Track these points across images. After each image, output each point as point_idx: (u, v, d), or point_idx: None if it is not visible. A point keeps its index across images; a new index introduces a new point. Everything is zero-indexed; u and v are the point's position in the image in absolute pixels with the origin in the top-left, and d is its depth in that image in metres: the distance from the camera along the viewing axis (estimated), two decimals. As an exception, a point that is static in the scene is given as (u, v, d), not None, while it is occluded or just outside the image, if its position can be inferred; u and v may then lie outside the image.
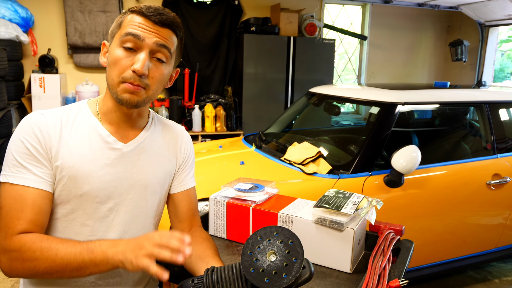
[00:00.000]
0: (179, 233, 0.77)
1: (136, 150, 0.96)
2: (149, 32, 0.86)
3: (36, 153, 0.84)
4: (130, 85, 0.86)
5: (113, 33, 0.90)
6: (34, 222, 0.82)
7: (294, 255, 0.70)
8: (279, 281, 0.68)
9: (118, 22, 0.90)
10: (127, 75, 0.85)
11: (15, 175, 0.83)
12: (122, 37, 0.86)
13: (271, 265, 0.70)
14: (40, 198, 0.84)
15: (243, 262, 0.72)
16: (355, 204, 1.04)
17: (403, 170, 1.89)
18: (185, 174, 1.07)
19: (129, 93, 0.86)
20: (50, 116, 0.89)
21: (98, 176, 0.89)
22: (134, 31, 0.85)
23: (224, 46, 4.63)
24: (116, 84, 0.87)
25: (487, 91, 2.78)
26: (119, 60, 0.86)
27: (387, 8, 5.32)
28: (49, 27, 4.04)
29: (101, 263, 0.78)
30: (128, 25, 0.86)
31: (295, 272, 0.68)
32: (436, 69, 5.95)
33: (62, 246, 0.79)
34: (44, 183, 0.85)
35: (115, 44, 0.88)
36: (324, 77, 4.62)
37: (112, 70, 0.87)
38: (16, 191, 0.83)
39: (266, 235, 0.74)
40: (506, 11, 4.74)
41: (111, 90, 0.89)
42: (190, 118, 4.23)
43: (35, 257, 0.78)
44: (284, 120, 3.01)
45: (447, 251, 2.30)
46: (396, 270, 0.95)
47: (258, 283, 0.69)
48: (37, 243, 0.79)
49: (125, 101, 0.87)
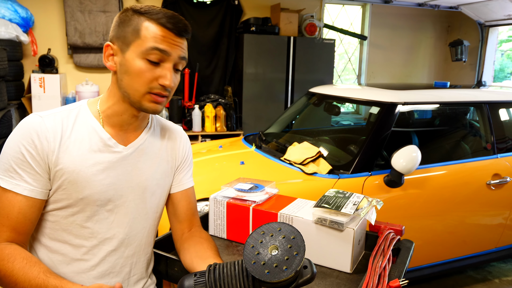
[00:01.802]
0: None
1: (136, 152, 0.96)
2: (175, 46, 0.86)
3: (31, 159, 0.83)
4: (158, 97, 0.88)
5: (127, 40, 0.86)
6: (17, 231, 0.84)
7: (295, 249, 0.71)
8: (279, 273, 0.69)
9: (133, 28, 0.85)
10: (154, 86, 0.87)
11: (7, 180, 0.83)
12: (148, 50, 0.84)
13: (272, 258, 0.71)
14: (27, 207, 0.84)
15: (245, 255, 0.73)
16: (355, 204, 1.04)
17: (403, 170, 1.89)
18: (184, 174, 1.07)
19: (155, 103, 0.88)
20: (50, 119, 0.87)
21: (98, 180, 0.89)
22: (161, 47, 0.84)
23: (224, 46, 4.63)
24: (142, 94, 0.87)
25: (487, 91, 2.78)
26: (143, 72, 0.85)
27: (387, 8, 5.32)
28: (49, 27, 4.04)
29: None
30: (151, 37, 0.84)
31: (296, 265, 0.69)
32: (436, 69, 5.95)
33: (24, 276, 0.79)
34: (34, 191, 0.84)
35: (134, 54, 0.85)
36: (324, 77, 4.62)
37: (134, 81, 0.86)
38: (6, 196, 0.83)
39: (269, 230, 0.76)
40: (506, 11, 4.74)
41: (132, 99, 0.88)
42: (190, 118, 4.23)
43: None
44: (284, 120, 3.01)
45: (447, 251, 2.30)
46: (396, 270, 0.95)
47: (259, 275, 0.70)
48: (4, 263, 0.80)
49: (151, 110, 0.89)
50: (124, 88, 0.88)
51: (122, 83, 0.88)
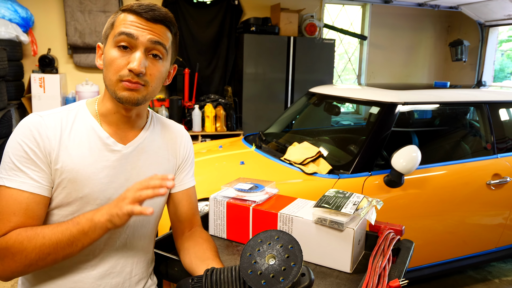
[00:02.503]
0: (160, 175, 0.81)
1: (136, 151, 0.95)
2: (143, 29, 0.85)
3: (35, 156, 0.84)
4: (128, 83, 0.85)
5: (106, 33, 0.89)
6: (25, 225, 0.83)
7: (293, 260, 0.71)
8: (276, 284, 0.68)
9: (111, 22, 0.89)
10: (124, 74, 0.85)
11: (11, 179, 0.82)
12: (116, 37, 0.85)
13: (269, 268, 0.71)
14: (34, 203, 0.83)
15: (242, 264, 0.72)
16: (355, 204, 1.04)
17: (403, 170, 1.89)
18: (185, 173, 1.07)
19: (128, 90, 0.86)
20: (49, 118, 0.88)
21: (98, 179, 0.89)
22: (127, 30, 0.84)
23: (224, 46, 4.63)
24: (114, 83, 0.86)
25: (487, 91, 2.78)
26: (115, 60, 0.85)
27: (387, 8, 5.32)
28: (49, 27, 4.04)
29: (90, 230, 0.81)
30: (120, 24, 0.86)
31: (293, 277, 0.69)
32: (436, 69, 5.95)
33: (47, 229, 0.81)
34: (41, 188, 0.84)
35: (109, 45, 0.87)
36: (324, 77, 4.62)
37: (108, 70, 0.87)
38: (11, 194, 0.82)
39: (267, 238, 0.75)
40: (506, 11, 4.74)
41: (109, 90, 0.88)
42: (190, 118, 4.23)
43: (24, 247, 0.79)
44: (284, 120, 3.01)
45: (447, 251, 2.30)
46: (396, 270, 0.96)
47: (255, 285, 0.69)
48: (22, 233, 0.80)
49: (125, 99, 0.86)
50: (104, 82, 0.89)
51: (103, 76, 0.90)
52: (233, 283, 0.74)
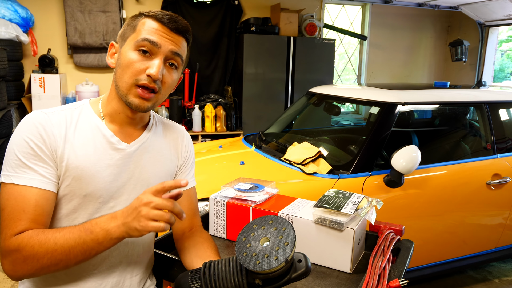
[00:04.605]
0: (169, 183, 0.80)
1: (139, 150, 0.96)
2: (166, 39, 0.87)
3: (41, 153, 0.83)
4: (142, 91, 0.87)
5: (125, 35, 0.90)
6: (36, 222, 0.82)
7: (286, 240, 0.72)
8: (270, 263, 0.70)
9: (132, 25, 0.90)
10: (141, 78, 0.86)
11: (19, 176, 0.82)
12: (138, 41, 0.87)
13: (263, 250, 0.72)
14: (44, 199, 0.83)
15: (237, 247, 0.74)
16: (355, 204, 1.04)
17: (403, 170, 1.89)
18: (186, 173, 1.07)
19: (140, 98, 0.88)
20: (54, 115, 0.88)
21: (102, 177, 0.89)
22: (152, 38, 0.86)
23: (224, 46, 4.63)
24: (129, 86, 0.87)
25: (487, 91, 2.78)
26: (133, 63, 0.86)
27: (387, 8, 5.32)
28: (49, 27, 4.04)
29: (105, 240, 0.79)
30: (144, 29, 0.87)
31: (286, 254, 0.70)
32: (436, 69, 5.95)
33: (59, 234, 0.80)
34: (49, 184, 0.84)
35: (128, 47, 0.88)
36: (324, 77, 4.62)
37: (124, 72, 0.87)
38: (19, 191, 0.82)
39: (261, 223, 0.77)
40: (506, 11, 4.74)
41: (120, 92, 0.89)
42: (190, 118, 4.23)
43: (35, 251, 0.78)
44: (284, 120, 3.01)
45: (447, 251, 2.30)
46: (396, 270, 0.96)
47: (250, 266, 0.71)
48: (34, 237, 0.79)
49: (135, 106, 0.88)
50: (116, 82, 0.90)
51: (116, 76, 0.90)
52: (231, 272, 0.75)
